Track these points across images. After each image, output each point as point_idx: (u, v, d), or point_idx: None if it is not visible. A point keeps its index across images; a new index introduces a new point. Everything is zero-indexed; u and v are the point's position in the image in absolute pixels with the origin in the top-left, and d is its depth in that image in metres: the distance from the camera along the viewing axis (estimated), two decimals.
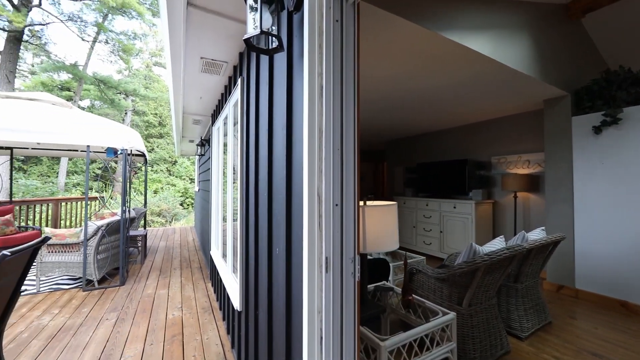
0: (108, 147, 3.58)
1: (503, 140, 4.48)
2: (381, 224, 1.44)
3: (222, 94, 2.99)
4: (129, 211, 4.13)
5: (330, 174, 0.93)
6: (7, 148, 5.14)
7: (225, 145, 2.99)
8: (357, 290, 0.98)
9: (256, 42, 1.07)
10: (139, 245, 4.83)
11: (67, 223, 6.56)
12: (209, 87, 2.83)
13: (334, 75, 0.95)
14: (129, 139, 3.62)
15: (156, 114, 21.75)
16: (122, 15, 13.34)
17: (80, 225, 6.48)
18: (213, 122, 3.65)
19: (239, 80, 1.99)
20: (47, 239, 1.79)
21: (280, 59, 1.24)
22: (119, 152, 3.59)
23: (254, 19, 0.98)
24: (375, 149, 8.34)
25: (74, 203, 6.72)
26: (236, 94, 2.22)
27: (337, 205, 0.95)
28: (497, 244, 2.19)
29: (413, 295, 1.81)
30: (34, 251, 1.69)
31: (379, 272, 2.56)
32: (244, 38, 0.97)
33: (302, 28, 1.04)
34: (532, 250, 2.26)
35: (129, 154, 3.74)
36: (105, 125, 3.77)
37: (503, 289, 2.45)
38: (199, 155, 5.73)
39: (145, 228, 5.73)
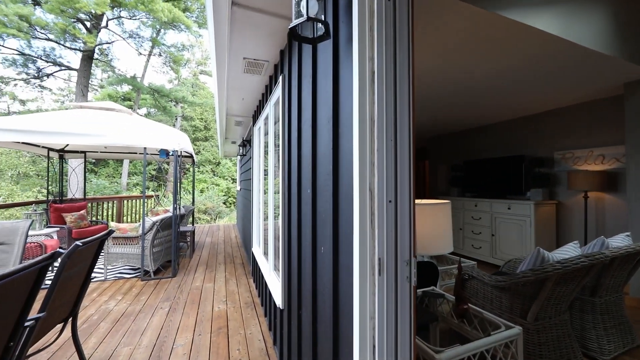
0: (161, 149, 3.88)
1: (569, 132, 3.93)
2: (433, 224, 1.31)
3: (262, 94, 3.05)
4: (179, 208, 4.43)
5: (384, 168, 0.85)
6: (81, 152, 5.88)
7: (266, 144, 3.04)
8: (413, 297, 0.89)
9: (301, 31, 1.03)
10: (188, 240, 5.17)
11: (129, 219, 7.31)
12: (250, 87, 2.91)
13: (387, 59, 0.87)
14: (179, 141, 3.88)
15: (202, 118, 23.36)
16: (173, 29, 14.53)
17: (139, 221, 7.18)
18: (254, 122, 3.76)
19: (280, 78, 1.98)
20: (111, 232, 1.96)
21: (325, 49, 1.19)
22: (170, 154, 3.87)
23: (300, 6, 0.94)
24: (416, 146, 7.96)
25: (134, 201, 7.47)
26: (277, 92, 2.23)
27: (390, 201, 0.86)
28: (570, 250, 1.90)
29: (469, 304, 1.63)
30: (101, 242, 1.86)
31: (425, 276, 2.39)
32: (290, 27, 0.93)
33: (349, 12, 0.97)
34: (615, 259, 1.92)
35: (179, 156, 4.01)
36: (159, 129, 4.10)
37: (576, 303, 2.12)
38: (240, 156, 5.97)
39: (193, 224, 6.14)
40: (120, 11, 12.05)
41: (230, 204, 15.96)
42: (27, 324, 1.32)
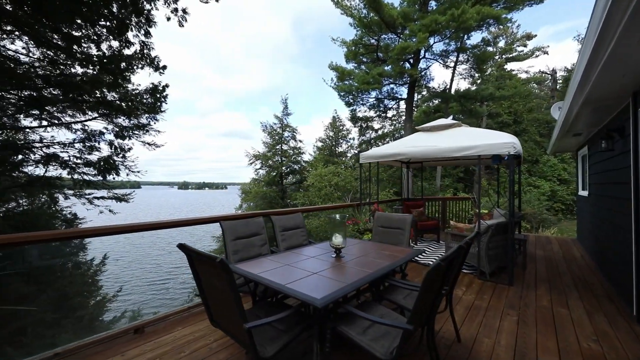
0: (494, 155, 3.90)
1: None
2: None
3: None
4: (512, 214, 4.21)
5: None
6: (419, 162, 7.54)
7: None
8: None
9: None
10: (518, 249, 4.75)
11: (449, 216, 8.23)
12: None
13: None
14: (514, 144, 3.69)
15: (510, 112, 20.93)
16: (477, 31, 14.31)
17: (458, 220, 7.82)
18: (638, 102, 2.62)
19: None
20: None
21: None
22: (505, 158, 3.79)
23: None
24: None
25: (454, 202, 8.32)
26: None
27: None
28: None
29: None
30: (467, 248, 2.19)
31: None
32: None
33: None
34: None
35: (514, 157, 3.80)
36: (488, 135, 4.17)
37: None
38: (591, 152, 4.49)
39: (520, 232, 5.57)
40: (434, 38, 14.03)
41: (556, 211, 12.63)
42: (442, 291, 1.87)
